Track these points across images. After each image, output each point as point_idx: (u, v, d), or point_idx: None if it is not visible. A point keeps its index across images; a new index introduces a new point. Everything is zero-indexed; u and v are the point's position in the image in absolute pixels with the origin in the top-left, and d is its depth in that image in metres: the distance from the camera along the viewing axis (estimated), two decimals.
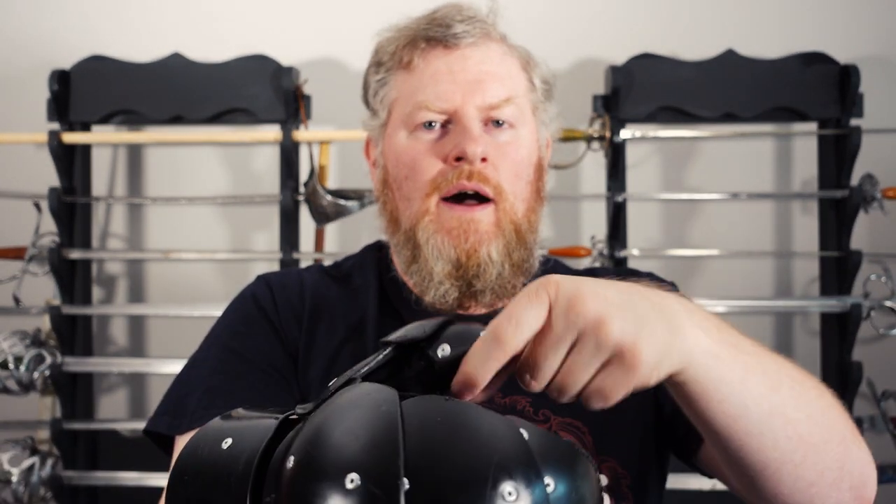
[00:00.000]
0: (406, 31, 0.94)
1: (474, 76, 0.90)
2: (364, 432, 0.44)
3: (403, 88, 0.93)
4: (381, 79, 0.97)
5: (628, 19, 1.94)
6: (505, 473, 0.42)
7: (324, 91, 1.89)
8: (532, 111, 0.95)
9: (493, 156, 0.88)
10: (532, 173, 0.93)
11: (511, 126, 0.91)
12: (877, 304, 1.74)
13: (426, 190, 0.88)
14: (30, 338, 1.76)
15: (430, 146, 0.90)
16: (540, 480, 0.43)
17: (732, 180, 1.91)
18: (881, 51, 1.91)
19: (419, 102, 0.90)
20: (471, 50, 0.92)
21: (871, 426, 1.74)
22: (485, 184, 0.87)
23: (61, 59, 1.88)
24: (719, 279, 1.93)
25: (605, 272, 1.03)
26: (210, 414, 0.81)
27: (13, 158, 1.97)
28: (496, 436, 0.44)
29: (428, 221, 0.87)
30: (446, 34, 0.91)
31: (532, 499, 0.42)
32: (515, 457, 0.43)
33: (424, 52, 0.92)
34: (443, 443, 0.43)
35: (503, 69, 0.93)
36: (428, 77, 0.91)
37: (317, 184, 1.75)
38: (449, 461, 0.42)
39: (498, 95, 0.90)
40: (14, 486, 1.70)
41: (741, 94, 1.78)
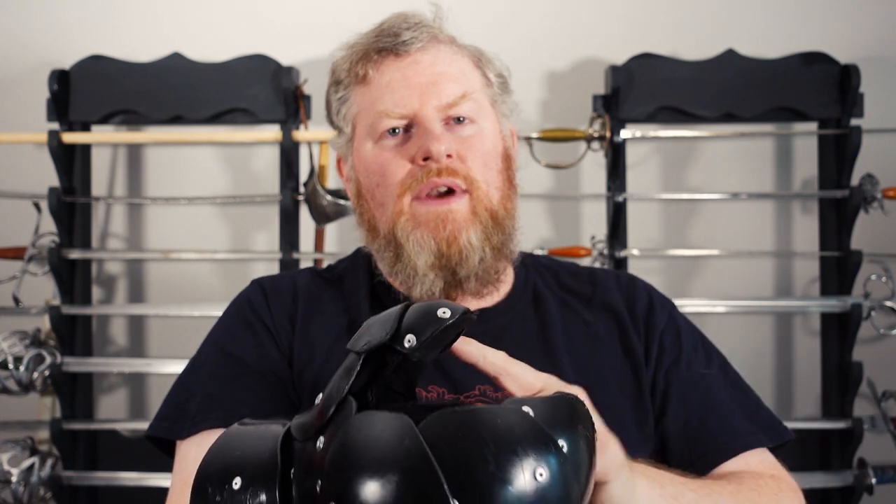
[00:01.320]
0: (357, 47, 0.97)
1: (428, 78, 0.93)
2: (400, 475, 0.46)
3: (363, 101, 0.96)
4: (340, 97, 1.00)
5: (628, 19, 1.94)
6: (531, 458, 0.47)
7: (324, 91, 1.87)
8: (491, 105, 0.97)
9: (458, 150, 0.90)
10: (500, 163, 0.94)
11: (472, 121, 0.93)
12: (877, 304, 1.74)
13: (398, 191, 0.90)
14: (29, 338, 1.76)
15: (395, 151, 0.92)
16: (556, 449, 0.48)
17: (732, 180, 1.91)
18: (881, 51, 1.91)
19: (379, 112, 0.92)
20: (421, 54, 0.94)
21: (871, 426, 1.74)
22: (454, 177, 0.89)
23: (61, 59, 1.88)
24: (719, 279, 1.93)
25: (605, 274, 1.03)
26: (210, 418, 0.82)
27: (13, 158, 1.97)
28: (511, 426, 0.48)
29: (405, 221, 0.89)
30: (395, 43, 0.94)
31: (555, 468, 0.48)
32: (534, 438, 0.48)
33: (377, 63, 0.94)
34: (471, 453, 0.47)
35: (455, 68, 0.95)
36: (384, 86, 0.93)
37: (317, 184, 1.75)
38: (482, 467, 0.46)
39: (453, 94, 0.92)
40: (14, 486, 1.70)
41: (741, 94, 1.78)
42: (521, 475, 0.46)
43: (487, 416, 0.49)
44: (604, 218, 1.83)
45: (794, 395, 1.94)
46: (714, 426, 0.89)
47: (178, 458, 0.86)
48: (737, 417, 0.91)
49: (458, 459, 0.46)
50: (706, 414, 0.91)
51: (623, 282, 1.00)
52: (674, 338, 0.95)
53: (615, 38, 1.91)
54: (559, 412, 0.52)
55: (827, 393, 1.82)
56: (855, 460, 1.73)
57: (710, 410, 0.91)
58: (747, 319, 1.93)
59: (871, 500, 1.73)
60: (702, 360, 0.95)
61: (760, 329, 1.95)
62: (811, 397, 1.91)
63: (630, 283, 1.00)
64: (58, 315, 1.77)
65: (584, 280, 1.00)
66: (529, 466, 0.47)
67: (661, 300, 0.99)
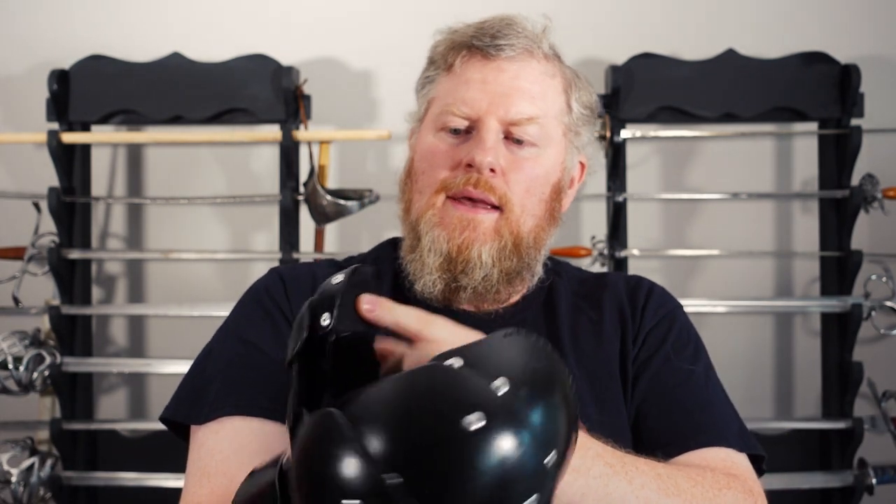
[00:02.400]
0: (456, 35, 0.97)
1: (504, 89, 0.92)
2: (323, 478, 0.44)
3: (441, 90, 0.96)
4: (428, 76, 1.01)
5: (628, 19, 1.94)
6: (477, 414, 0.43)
7: (324, 91, 1.89)
8: (563, 133, 0.96)
9: (506, 168, 0.90)
10: (548, 192, 0.94)
11: (532, 145, 0.92)
12: (877, 304, 1.74)
13: (436, 187, 0.91)
14: (29, 338, 1.76)
15: (449, 149, 0.93)
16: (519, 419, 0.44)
17: (732, 180, 1.91)
18: (881, 51, 1.91)
19: (447, 106, 0.93)
20: (508, 63, 0.93)
21: (871, 426, 1.74)
22: (490, 193, 0.89)
23: (61, 59, 1.88)
24: (719, 279, 1.93)
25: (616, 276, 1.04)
26: (228, 405, 0.83)
27: (13, 158, 1.97)
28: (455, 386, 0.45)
29: (431, 215, 0.90)
30: (489, 44, 0.94)
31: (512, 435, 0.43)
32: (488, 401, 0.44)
33: (465, 58, 0.95)
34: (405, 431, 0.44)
35: (536, 88, 0.94)
36: (462, 83, 0.94)
37: (317, 184, 1.75)
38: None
39: (522, 112, 0.92)
40: (13, 486, 1.69)
41: (741, 93, 1.78)
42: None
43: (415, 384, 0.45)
44: (604, 218, 1.83)
45: (794, 395, 1.94)
46: (680, 418, 0.88)
47: (194, 444, 0.85)
48: (706, 414, 0.89)
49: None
50: (675, 404, 0.89)
51: (631, 283, 1.01)
52: (661, 333, 0.95)
53: (615, 38, 1.91)
54: (540, 382, 0.47)
55: (827, 393, 1.82)
56: (855, 460, 1.73)
57: (680, 402, 0.90)
58: (747, 319, 1.92)
59: (871, 500, 1.73)
60: (687, 359, 0.94)
61: (760, 329, 1.94)
62: (811, 397, 1.91)
63: (636, 283, 1.01)
64: (58, 315, 1.77)
65: (596, 282, 1.02)
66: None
67: (660, 300, 0.99)
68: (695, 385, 0.91)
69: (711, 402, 0.91)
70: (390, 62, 1.91)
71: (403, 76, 1.89)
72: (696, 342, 0.97)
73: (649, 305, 0.97)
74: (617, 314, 0.96)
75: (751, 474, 0.85)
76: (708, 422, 0.88)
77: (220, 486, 0.77)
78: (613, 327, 0.95)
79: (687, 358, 0.93)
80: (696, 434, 0.86)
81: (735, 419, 0.91)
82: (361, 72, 1.95)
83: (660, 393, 0.90)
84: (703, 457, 0.84)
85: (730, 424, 0.90)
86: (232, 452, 0.79)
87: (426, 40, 1.02)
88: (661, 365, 0.92)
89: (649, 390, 0.91)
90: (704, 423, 0.88)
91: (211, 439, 0.83)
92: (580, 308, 0.98)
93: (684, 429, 0.87)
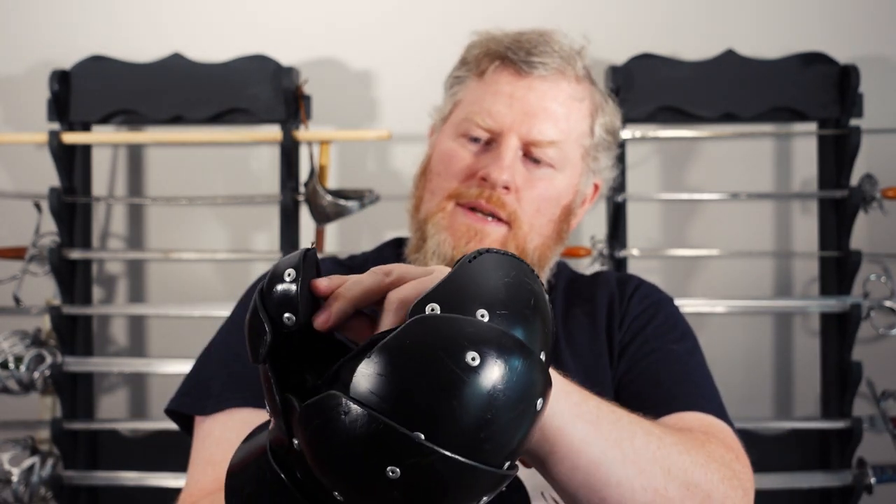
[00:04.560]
0: (492, 42, 0.99)
1: (530, 108, 0.93)
2: (357, 447, 0.45)
3: (468, 95, 0.97)
4: (459, 76, 1.01)
5: (628, 19, 1.94)
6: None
7: (324, 91, 1.89)
8: (581, 156, 0.97)
9: (520, 186, 0.92)
10: (557, 213, 0.95)
11: (550, 166, 0.93)
12: (876, 304, 1.74)
13: (447, 193, 0.93)
14: (30, 338, 1.76)
15: (467, 157, 0.94)
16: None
17: (732, 180, 1.91)
18: (881, 51, 1.91)
19: (471, 114, 0.94)
20: (539, 82, 0.94)
21: (871, 426, 1.75)
22: (500, 209, 0.91)
23: (61, 59, 1.88)
24: (719, 279, 1.93)
25: (608, 274, 1.05)
26: (235, 398, 0.83)
27: (13, 158, 1.97)
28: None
29: (440, 218, 0.91)
30: (523, 59, 0.94)
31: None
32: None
33: (498, 68, 0.96)
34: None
35: (563, 110, 0.94)
36: (490, 93, 0.94)
37: (317, 184, 1.75)
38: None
39: (545, 134, 0.92)
40: (14, 485, 1.70)
41: (741, 94, 1.78)
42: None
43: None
44: (604, 218, 1.83)
45: (793, 395, 1.94)
46: (656, 389, 0.87)
47: (199, 435, 0.86)
48: (684, 386, 0.88)
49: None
50: (652, 377, 0.88)
51: (622, 279, 1.02)
52: (644, 319, 0.95)
53: (615, 38, 1.91)
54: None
55: (826, 393, 1.82)
56: (854, 460, 1.74)
57: (657, 375, 0.88)
58: (747, 319, 1.93)
59: (870, 499, 1.74)
60: (669, 341, 0.93)
61: (760, 329, 1.95)
62: (810, 397, 1.91)
63: (627, 279, 1.02)
64: (58, 315, 1.78)
65: (590, 280, 1.03)
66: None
67: (647, 291, 1.00)
68: (673, 361, 0.90)
69: (690, 376, 0.89)
70: (390, 62, 1.91)
71: (404, 76, 1.92)
72: (682, 329, 0.96)
73: (636, 295, 0.98)
74: (606, 307, 0.97)
75: (730, 434, 0.82)
76: (685, 391, 0.86)
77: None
78: (603, 319, 0.96)
79: (669, 340, 0.93)
80: (671, 401, 0.84)
81: (715, 395, 0.89)
82: (361, 72, 1.95)
83: (636, 370, 0.90)
84: (679, 418, 0.82)
85: (709, 397, 0.88)
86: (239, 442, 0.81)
87: (427, 40, 1.03)
88: (638, 347, 0.92)
89: (627, 369, 0.91)
90: (681, 392, 0.86)
91: (217, 429, 0.83)
92: (574, 304, 0.98)
93: (661, 397, 0.85)
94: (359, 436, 0.44)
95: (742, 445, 0.82)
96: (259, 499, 0.52)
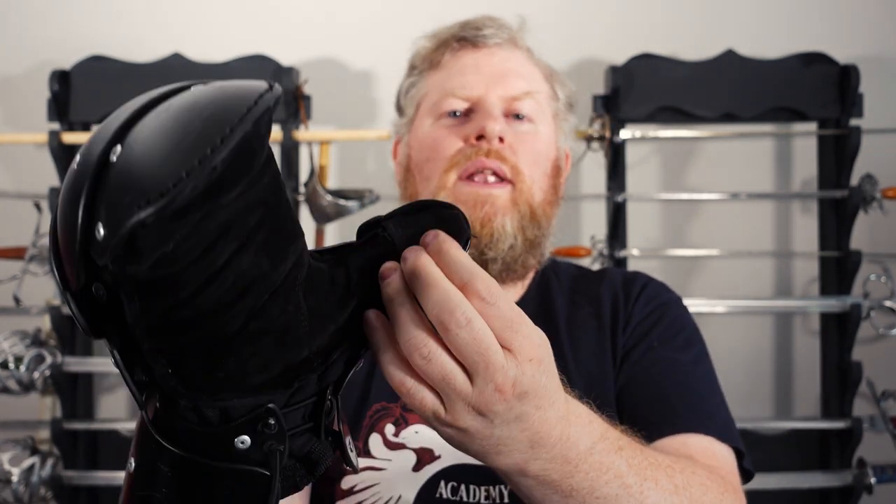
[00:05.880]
0: (439, 36, 1.03)
1: (499, 70, 0.96)
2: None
3: (432, 84, 1.00)
4: (412, 81, 1.03)
5: (628, 19, 1.94)
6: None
7: (324, 91, 1.89)
8: (552, 116, 0.99)
9: (511, 141, 0.93)
10: (549, 168, 0.97)
11: (530, 120, 0.95)
12: (876, 303, 1.74)
13: (445, 166, 0.92)
14: (30, 338, 1.76)
15: (451, 129, 0.95)
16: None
17: (732, 180, 1.91)
18: (881, 51, 1.91)
19: (446, 91, 0.96)
20: (497, 49, 0.98)
21: (871, 426, 1.75)
22: (503, 162, 0.91)
23: (61, 59, 1.88)
24: (719, 279, 1.93)
25: (614, 271, 1.04)
26: None
27: (13, 158, 1.97)
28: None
29: (444, 196, 0.90)
30: (475, 35, 0.98)
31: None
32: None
33: (454, 51, 1.00)
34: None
35: (526, 69, 0.99)
36: (456, 70, 0.97)
37: (317, 184, 1.75)
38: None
39: (520, 88, 0.95)
40: (14, 485, 1.70)
41: (741, 94, 1.78)
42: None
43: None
44: (604, 218, 1.83)
45: (793, 395, 1.94)
46: (658, 404, 0.85)
47: None
48: (687, 401, 0.86)
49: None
50: (654, 391, 0.87)
51: (628, 276, 1.02)
52: (649, 324, 0.93)
53: (615, 38, 1.91)
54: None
55: (826, 393, 1.82)
56: (854, 460, 1.74)
57: (660, 388, 0.87)
58: (747, 319, 1.93)
59: (870, 499, 1.73)
60: (674, 349, 0.91)
61: (760, 329, 1.95)
62: (811, 397, 1.91)
63: (633, 277, 1.02)
64: (58, 315, 1.78)
65: (595, 277, 1.02)
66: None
67: (654, 292, 0.99)
68: (678, 372, 0.88)
69: (695, 389, 0.87)
70: (390, 62, 1.89)
71: (404, 76, 1.91)
72: (689, 333, 0.94)
73: (642, 297, 0.97)
74: (611, 307, 0.96)
75: (731, 467, 0.81)
76: (689, 408, 0.84)
77: None
78: (608, 320, 0.95)
79: (675, 348, 0.91)
80: (674, 419, 0.83)
81: (720, 410, 0.87)
82: (361, 72, 1.95)
83: (639, 381, 0.88)
84: (683, 442, 0.81)
85: (713, 413, 0.85)
86: None
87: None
88: (642, 354, 0.90)
89: (629, 379, 0.89)
90: (685, 408, 0.84)
91: None
92: (578, 304, 0.97)
93: (662, 414, 0.83)
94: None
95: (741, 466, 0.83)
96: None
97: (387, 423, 0.90)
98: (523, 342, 0.50)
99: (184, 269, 0.42)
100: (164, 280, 0.42)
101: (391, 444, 0.89)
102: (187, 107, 0.43)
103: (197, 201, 0.40)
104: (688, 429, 0.83)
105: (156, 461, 0.49)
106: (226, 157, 0.40)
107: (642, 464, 0.62)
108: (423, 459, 0.88)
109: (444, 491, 0.86)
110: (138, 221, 0.38)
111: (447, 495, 0.86)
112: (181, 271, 0.42)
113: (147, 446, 0.49)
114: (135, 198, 0.39)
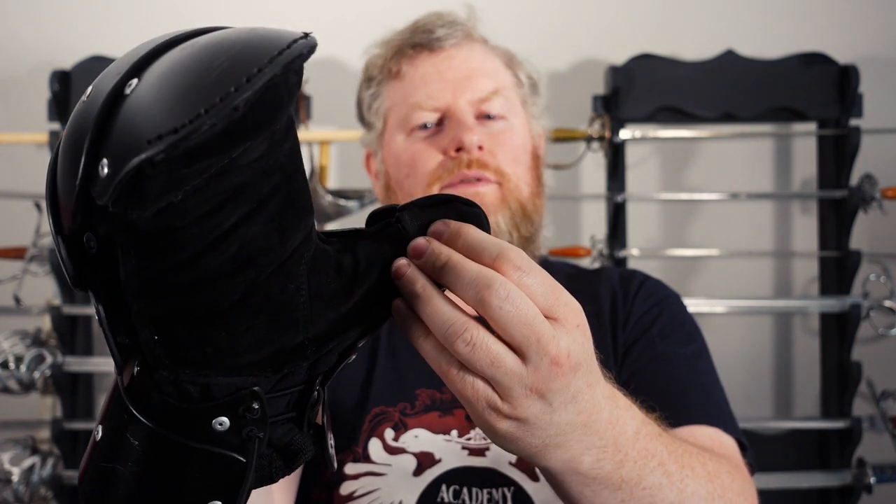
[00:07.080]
0: (391, 44, 1.01)
1: (462, 73, 0.95)
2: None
3: (396, 96, 0.98)
4: (373, 92, 1.01)
5: (628, 19, 1.94)
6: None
7: (324, 91, 1.89)
8: (521, 104, 0.99)
9: (489, 145, 0.92)
10: (529, 160, 0.96)
11: (503, 118, 0.95)
12: (876, 303, 1.74)
13: (427, 181, 0.92)
14: (30, 338, 1.76)
15: (427, 143, 0.94)
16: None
17: (732, 180, 1.91)
18: (881, 51, 1.91)
19: (412, 104, 0.95)
20: (455, 50, 0.96)
21: (870, 426, 1.75)
22: (485, 169, 0.91)
23: (62, 59, 1.88)
24: (719, 279, 1.93)
25: (611, 269, 1.04)
26: None
27: (13, 158, 1.97)
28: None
29: None
30: (430, 39, 0.96)
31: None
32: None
33: (411, 58, 0.97)
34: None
35: (488, 65, 0.97)
36: (418, 80, 0.96)
37: (317, 184, 1.75)
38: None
39: (486, 89, 0.95)
40: (15, 485, 1.70)
41: (741, 94, 1.78)
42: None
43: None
44: (603, 218, 1.83)
45: (793, 395, 1.94)
46: (661, 398, 0.82)
47: None
48: (690, 394, 0.86)
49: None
50: (656, 385, 0.86)
51: (625, 274, 1.02)
52: (649, 320, 0.93)
53: (615, 38, 1.92)
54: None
55: (826, 392, 1.83)
56: (854, 460, 1.74)
57: (662, 382, 0.86)
58: (747, 319, 1.93)
59: (870, 499, 1.74)
60: (675, 343, 0.91)
61: (760, 329, 1.95)
62: (810, 397, 1.91)
63: (630, 274, 1.02)
64: (59, 315, 1.78)
65: (592, 275, 1.02)
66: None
67: (652, 289, 0.99)
68: (681, 366, 0.88)
69: (699, 382, 0.87)
70: None
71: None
72: (689, 329, 0.94)
73: (640, 293, 0.97)
74: (609, 305, 0.96)
75: (739, 459, 0.81)
76: (695, 399, 0.84)
77: None
78: (608, 318, 0.95)
79: (676, 342, 0.91)
80: (681, 410, 0.82)
81: (723, 404, 0.87)
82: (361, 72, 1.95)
83: (642, 375, 0.88)
84: (690, 433, 0.81)
85: (718, 406, 0.86)
86: None
87: None
88: (643, 349, 0.90)
89: (631, 374, 0.89)
90: (691, 400, 0.84)
91: None
92: None
93: (669, 406, 0.81)
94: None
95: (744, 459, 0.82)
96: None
97: (386, 427, 0.89)
98: (566, 310, 0.48)
99: (188, 226, 0.39)
100: (166, 235, 0.39)
101: (391, 449, 0.89)
102: (213, 44, 0.40)
103: (213, 144, 0.37)
104: (695, 420, 0.82)
105: (125, 432, 0.45)
106: (250, 98, 0.36)
107: (678, 450, 0.60)
108: (423, 463, 0.88)
109: (445, 495, 0.86)
110: (147, 158, 0.35)
111: (449, 499, 0.86)
112: (185, 227, 0.39)
113: (118, 415, 0.46)
114: (146, 132, 0.36)
